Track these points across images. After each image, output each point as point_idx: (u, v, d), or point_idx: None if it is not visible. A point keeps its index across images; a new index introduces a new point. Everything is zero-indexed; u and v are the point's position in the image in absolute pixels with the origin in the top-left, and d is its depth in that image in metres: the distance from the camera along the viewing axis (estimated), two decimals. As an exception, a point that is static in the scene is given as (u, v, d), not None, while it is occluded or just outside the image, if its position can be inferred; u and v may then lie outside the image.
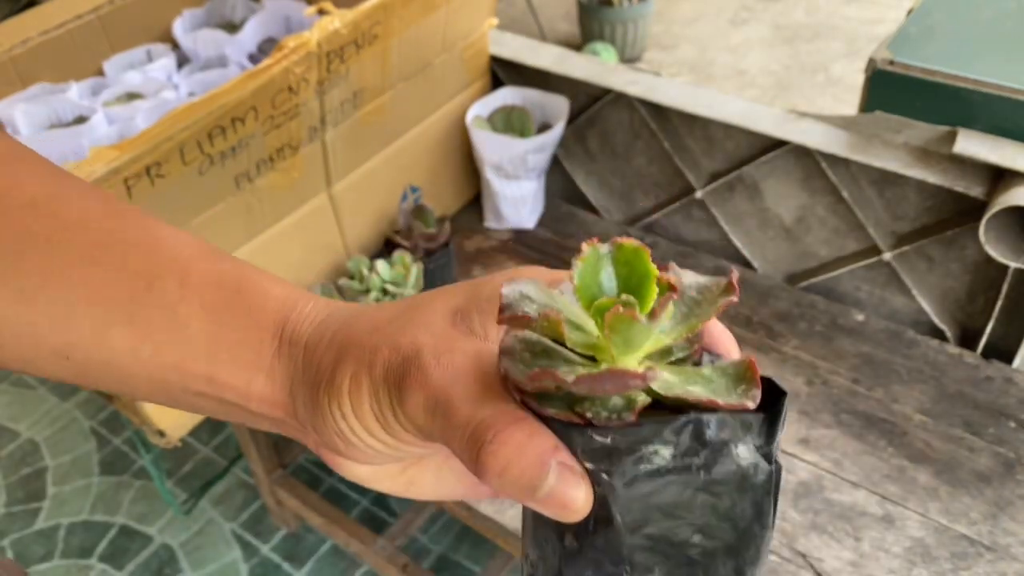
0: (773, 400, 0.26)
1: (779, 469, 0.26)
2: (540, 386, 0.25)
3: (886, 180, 1.07)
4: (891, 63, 1.00)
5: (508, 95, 1.27)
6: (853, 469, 0.95)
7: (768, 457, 0.26)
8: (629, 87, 1.19)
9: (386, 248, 1.18)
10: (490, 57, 1.29)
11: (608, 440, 0.24)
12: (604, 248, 0.27)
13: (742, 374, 0.26)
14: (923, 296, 1.12)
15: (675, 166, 1.22)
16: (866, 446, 0.97)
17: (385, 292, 1.07)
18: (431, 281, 1.14)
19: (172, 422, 1.02)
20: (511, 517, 0.93)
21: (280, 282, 0.35)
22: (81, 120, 1.06)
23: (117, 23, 1.16)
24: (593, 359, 0.26)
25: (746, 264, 1.23)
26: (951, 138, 0.98)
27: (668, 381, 0.25)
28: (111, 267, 0.33)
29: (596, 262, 0.26)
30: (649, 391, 0.25)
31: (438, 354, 0.29)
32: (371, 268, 1.09)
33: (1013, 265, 0.98)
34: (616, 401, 0.25)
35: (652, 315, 0.24)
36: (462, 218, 1.34)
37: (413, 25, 1.04)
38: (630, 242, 0.26)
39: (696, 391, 0.25)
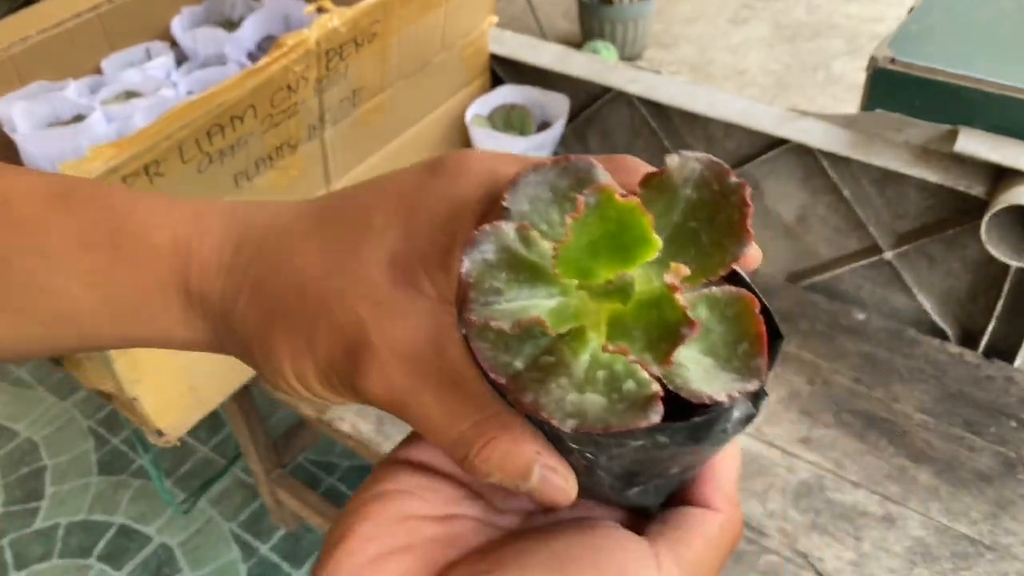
0: (771, 345, 0.24)
1: (764, 397, 0.25)
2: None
3: (887, 179, 1.07)
4: (892, 61, 1.00)
5: (508, 93, 1.27)
6: (854, 469, 0.95)
7: (757, 397, 0.25)
8: (629, 86, 1.19)
9: None
10: (490, 55, 1.28)
11: (595, 436, 0.24)
12: (591, 199, 0.23)
13: (743, 324, 0.23)
14: (924, 295, 1.12)
15: (675, 165, 1.22)
16: (867, 446, 0.97)
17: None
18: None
19: (171, 421, 1.01)
20: (511, 517, 0.92)
21: (159, 222, 0.30)
22: (79, 118, 1.06)
23: (116, 21, 1.15)
24: (572, 336, 0.24)
25: (746, 263, 1.23)
26: (952, 137, 0.97)
27: (666, 374, 0.23)
28: None
29: (583, 227, 0.23)
30: None
31: (388, 333, 0.26)
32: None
33: (1014, 264, 0.97)
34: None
35: (660, 360, 0.22)
36: (462, 217, 1.34)
37: (412, 23, 1.04)
38: (625, 201, 0.23)
39: (693, 377, 0.23)
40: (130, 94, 1.10)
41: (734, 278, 0.26)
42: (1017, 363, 1.06)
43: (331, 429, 1.05)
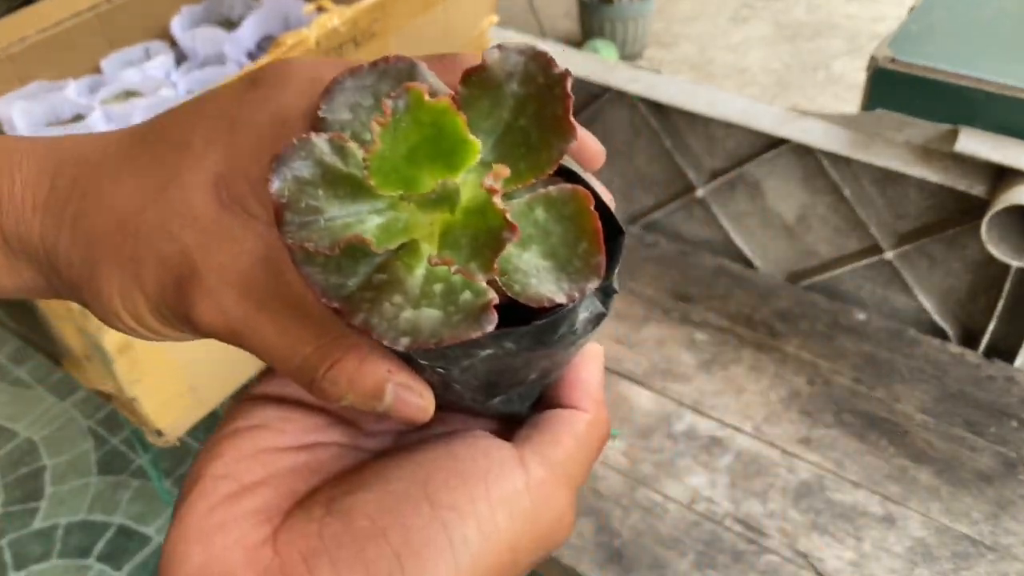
0: (611, 240, 0.23)
1: (612, 299, 0.25)
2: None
3: (887, 179, 1.07)
4: (892, 61, 1.00)
5: None
6: (854, 469, 0.95)
7: (606, 294, 0.25)
8: (629, 85, 1.19)
9: None
10: (490, 55, 1.28)
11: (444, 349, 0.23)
12: (393, 103, 0.21)
13: (579, 221, 0.22)
14: (925, 295, 1.12)
15: (676, 164, 1.22)
16: (867, 446, 0.97)
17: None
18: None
19: (170, 421, 1.01)
20: (511, 517, 0.92)
21: None
22: (79, 118, 1.05)
23: (115, 21, 1.15)
24: (402, 252, 0.23)
25: (747, 263, 1.23)
26: (953, 136, 0.97)
27: (502, 272, 0.22)
28: None
29: (396, 133, 0.21)
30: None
31: (216, 259, 0.25)
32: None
33: (1015, 264, 0.97)
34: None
35: (485, 268, 0.21)
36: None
37: (412, 22, 1.04)
38: (437, 102, 0.21)
39: (530, 282, 0.22)
40: (129, 94, 1.10)
41: (572, 177, 0.25)
42: (1017, 363, 1.06)
43: (331, 429, 1.05)
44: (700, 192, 1.21)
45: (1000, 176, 0.96)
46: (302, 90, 0.26)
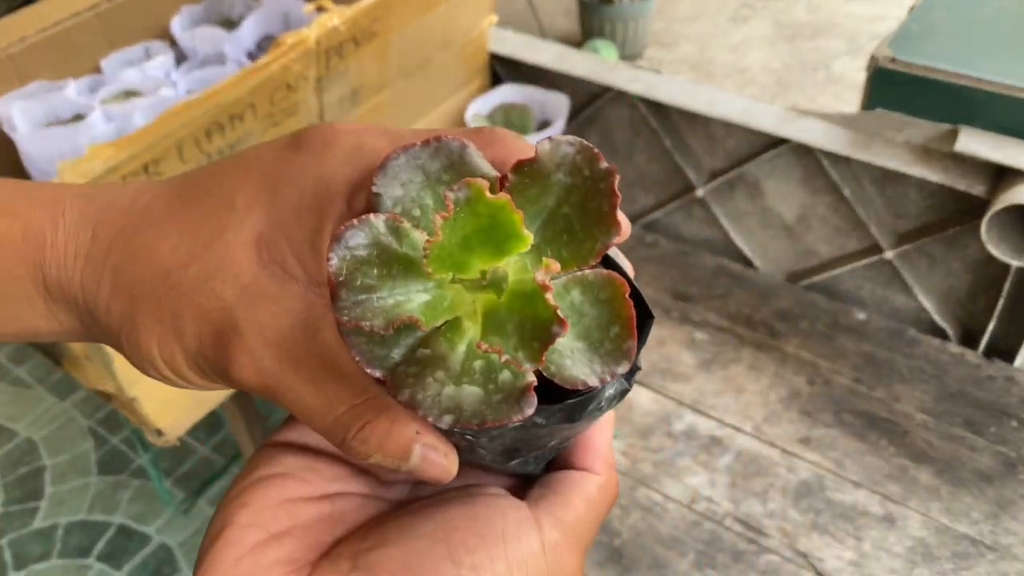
0: (640, 325, 0.24)
1: (637, 371, 0.26)
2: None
3: (887, 178, 1.07)
4: (892, 61, 1.00)
5: (508, 92, 1.27)
6: (854, 468, 0.95)
7: (631, 372, 0.25)
8: (629, 85, 1.19)
9: None
10: (490, 54, 1.28)
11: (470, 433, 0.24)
12: (461, 195, 0.22)
13: (614, 307, 0.23)
14: (924, 295, 1.12)
15: (676, 164, 1.22)
16: (867, 445, 0.97)
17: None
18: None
19: (170, 421, 1.01)
20: (511, 517, 0.92)
21: (8, 208, 0.29)
22: (79, 118, 1.05)
23: (115, 21, 1.15)
24: (446, 329, 0.24)
25: (747, 263, 1.23)
26: (953, 136, 0.97)
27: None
28: None
29: (455, 224, 0.22)
30: None
31: (255, 317, 0.25)
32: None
33: (1015, 264, 0.97)
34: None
35: (533, 359, 0.22)
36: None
37: (412, 22, 1.04)
38: (496, 199, 0.22)
39: (570, 371, 0.23)
40: (129, 93, 1.10)
41: (606, 260, 0.26)
42: (1017, 363, 1.06)
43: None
44: (700, 192, 1.21)
45: (1000, 176, 0.96)
46: (347, 157, 0.26)
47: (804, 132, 1.08)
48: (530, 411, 0.22)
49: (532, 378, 0.22)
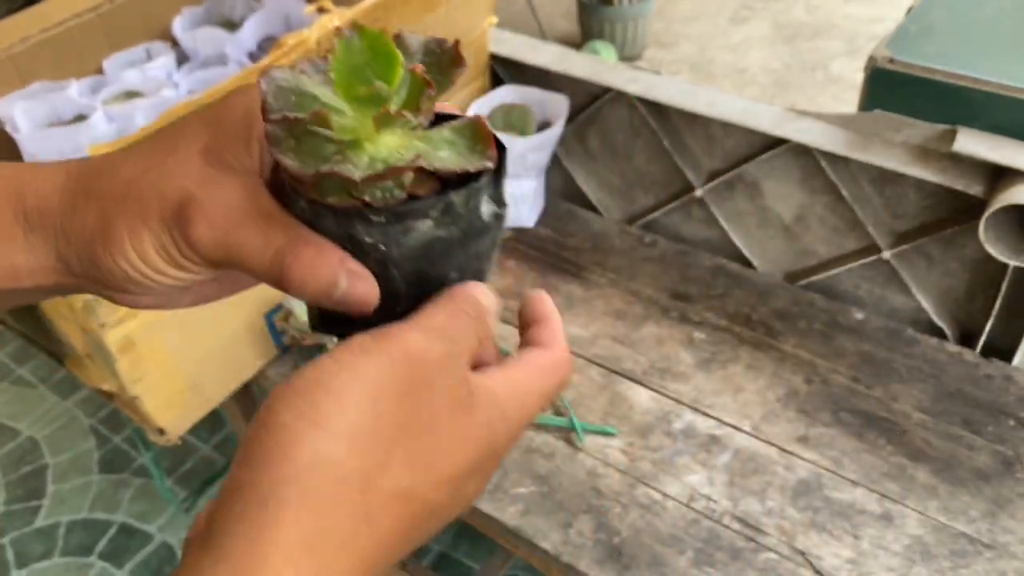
0: (499, 154, 0.31)
1: (506, 208, 0.33)
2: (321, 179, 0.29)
3: (885, 179, 1.07)
4: (890, 61, 1.01)
5: (508, 93, 1.27)
6: (852, 467, 0.95)
7: (499, 202, 0.32)
8: (629, 85, 1.19)
9: None
10: (490, 55, 1.29)
11: (383, 219, 0.30)
12: (348, 35, 0.30)
13: (477, 133, 0.31)
14: (922, 294, 1.12)
15: (675, 164, 1.23)
16: (865, 444, 0.97)
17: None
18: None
19: (172, 420, 1.02)
20: (510, 515, 0.93)
21: (4, 167, 0.36)
22: (81, 118, 1.06)
23: (117, 21, 1.16)
24: (353, 141, 0.30)
25: (746, 262, 1.23)
26: (951, 136, 0.98)
27: (425, 153, 0.30)
28: None
29: (348, 52, 0.30)
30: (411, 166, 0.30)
31: (208, 192, 0.31)
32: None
33: (1012, 263, 0.98)
34: (388, 183, 0.30)
35: (415, 112, 0.30)
36: (462, 216, 1.34)
37: (413, 23, 1.04)
38: (372, 29, 0.30)
39: (446, 158, 0.30)
40: (131, 94, 1.10)
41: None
42: (1015, 362, 1.06)
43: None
44: (699, 192, 1.22)
45: (998, 176, 0.97)
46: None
47: (803, 132, 1.08)
48: (422, 162, 0.29)
49: (420, 160, 0.29)
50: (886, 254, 1.11)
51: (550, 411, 1.03)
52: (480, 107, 1.26)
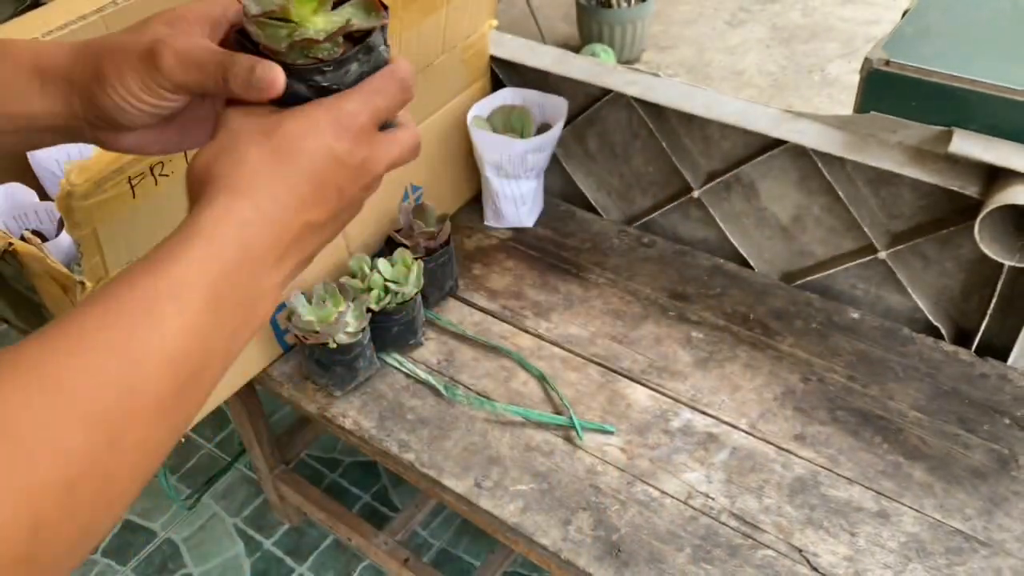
0: (386, 11, 0.45)
1: (389, 48, 0.47)
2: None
3: (882, 179, 1.08)
4: (887, 63, 1.01)
5: (507, 95, 1.28)
6: (848, 465, 0.96)
7: (387, 43, 0.46)
8: (627, 87, 1.20)
9: (387, 247, 1.19)
10: (490, 58, 1.30)
11: (331, 68, 0.44)
12: None
13: (370, 3, 0.45)
14: (918, 294, 1.13)
15: (673, 166, 1.23)
16: (861, 442, 0.98)
17: (387, 290, 1.08)
18: (432, 280, 1.15)
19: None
20: (510, 512, 0.94)
21: (18, 46, 0.49)
22: (85, 120, 1.06)
23: (121, 24, 1.16)
24: (299, 22, 0.43)
25: (743, 263, 1.24)
26: (946, 138, 0.98)
27: (350, 22, 0.44)
28: None
29: None
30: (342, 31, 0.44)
31: (174, 38, 0.44)
32: (372, 266, 1.10)
33: (1008, 263, 0.98)
34: (328, 45, 0.44)
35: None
36: (462, 217, 1.35)
37: (414, 26, 1.05)
38: None
39: (359, 22, 0.44)
40: (135, 95, 1.11)
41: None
42: (1010, 361, 1.07)
43: (334, 426, 1.06)
44: (697, 193, 1.23)
45: (993, 176, 0.97)
46: None
47: (799, 134, 1.09)
48: (348, 20, 0.44)
49: (343, 19, 0.44)
50: (882, 254, 1.12)
51: (550, 409, 1.04)
52: (481, 108, 1.27)
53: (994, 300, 1.06)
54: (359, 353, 1.05)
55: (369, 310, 1.07)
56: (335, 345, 1.02)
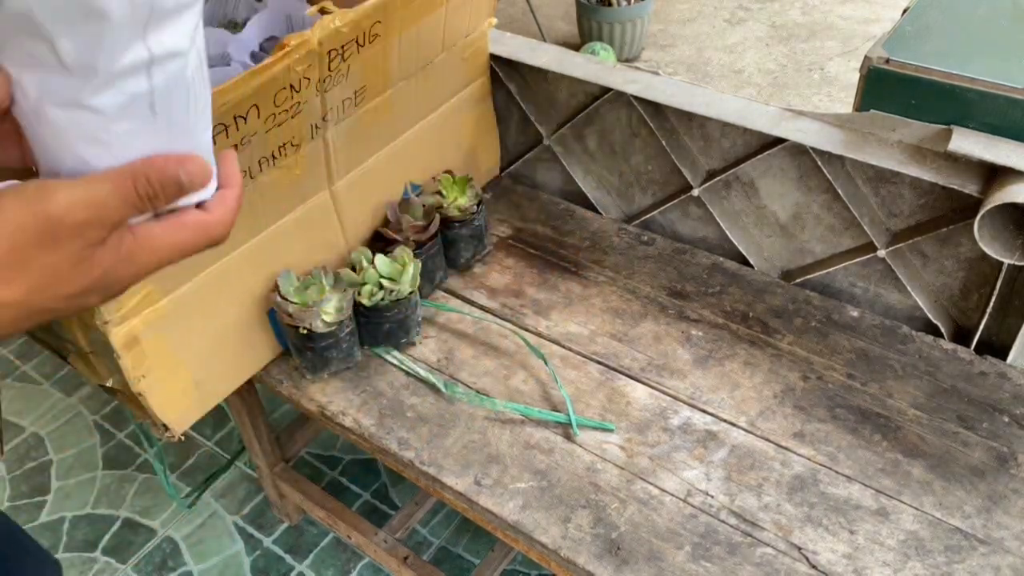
0: None
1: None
2: None
3: (881, 178, 1.08)
4: (886, 62, 1.01)
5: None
6: (848, 463, 0.96)
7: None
8: (627, 86, 1.20)
9: (376, 241, 1.19)
10: (490, 56, 1.30)
11: None
12: None
13: None
14: (918, 292, 1.13)
15: (672, 164, 1.24)
16: (861, 440, 0.98)
17: (381, 287, 1.08)
18: (422, 272, 1.15)
19: (175, 416, 1.03)
20: (510, 510, 0.94)
21: None
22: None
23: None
24: None
25: (743, 261, 1.24)
26: (946, 136, 0.98)
27: None
28: None
29: None
30: None
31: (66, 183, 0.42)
32: (370, 261, 1.10)
33: (1007, 262, 0.99)
34: None
35: None
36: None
37: (414, 24, 1.05)
38: None
39: None
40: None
41: None
42: (1009, 359, 1.07)
43: (333, 424, 1.07)
44: (696, 191, 1.23)
45: (992, 175, 0.97)
46: None
47: (799, 132, 1.09)
48: None
49: None
50: (881, 252, 1.12)
51: (548, 407, 1.04)
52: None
53: (993, 298, 1.06)
54: (331, 344, 1.06)
55: (360, 304, 1.07)
56: (304, 331, 1.03)
